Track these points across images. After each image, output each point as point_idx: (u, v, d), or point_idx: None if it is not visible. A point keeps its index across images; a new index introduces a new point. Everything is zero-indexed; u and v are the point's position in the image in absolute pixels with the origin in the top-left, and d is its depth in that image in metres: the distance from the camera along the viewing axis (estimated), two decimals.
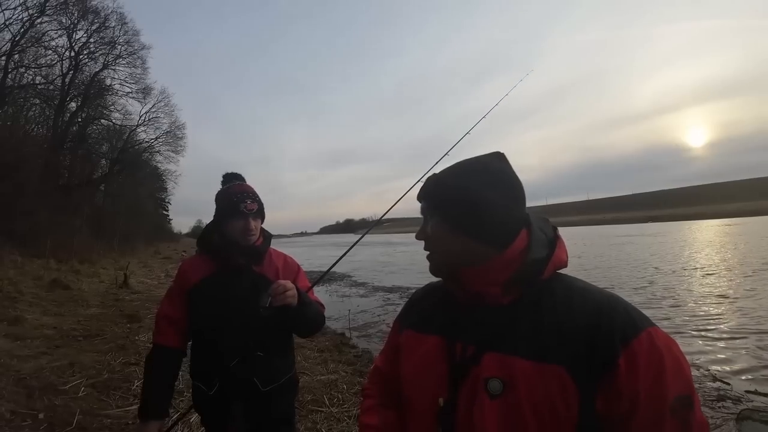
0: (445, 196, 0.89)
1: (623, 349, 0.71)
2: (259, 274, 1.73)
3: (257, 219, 1.75)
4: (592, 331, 0.74)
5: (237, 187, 1.75)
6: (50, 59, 22.74)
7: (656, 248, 22.86)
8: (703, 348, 6.26)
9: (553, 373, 0.74)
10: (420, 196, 0.95)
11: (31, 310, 7.93)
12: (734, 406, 4.27)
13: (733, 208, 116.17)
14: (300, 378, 5.04)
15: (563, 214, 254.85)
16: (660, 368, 0.71)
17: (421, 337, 0.95)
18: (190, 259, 1.82)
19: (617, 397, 0.71)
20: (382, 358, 1.12)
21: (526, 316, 0.81)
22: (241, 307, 1.64)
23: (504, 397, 0.76)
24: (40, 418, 3.64)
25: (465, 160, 0.93)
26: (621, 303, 0.79)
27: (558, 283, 0.85)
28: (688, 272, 13.55)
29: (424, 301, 1.03)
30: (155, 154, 34.08)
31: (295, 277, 1.78)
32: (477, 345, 0.83)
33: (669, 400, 0.70)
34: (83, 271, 14.27)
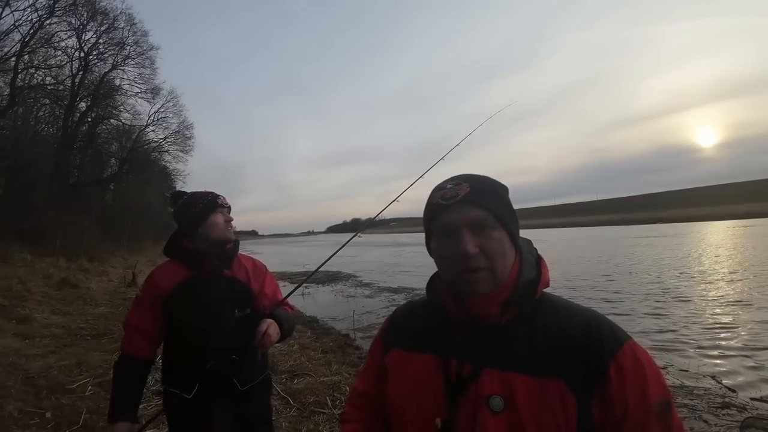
0: (507, 211, 0.89)
1: (612, 361, 0.78)
2: (231, 278, 1.78)
3: (230, 219, 1.81)
4: (584, 346, 0.80)
5: (200, 192, 1.81)
6: (60, 60, 22.85)
7: (671, 251, 22.46)
8: (710, 354, 6.18)
9: (552, 387, 0.78)
10: (476, 203, 0.86)
11: (40, 308, 8.02)
12: (738, 413, 4.21)
13: (744, 209, 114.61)
14: (303, 379, 5.06)
15: (572, 214, 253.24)
16: (643, 377, 0.78)
17: (412, 356, 0.93)
18: (160, 267, 1.82)
19: (611, 404, 0.76)
20: (363, 381, 1.09)
21: (520, 334, 0.84)
22: (217, 310, 1.70)
23: (506, 413, 0.78)
24: (48, 416, 3.68)
25: (493, 179, 0.94)
26: (603, 319, 0.85)
27: (545, 302, 0.89)
28: (699, 276, 13.32)
29: (410, 319, 1.01)
30: (164, 153, 34.30)
31: (263, 279, 1.86)
32: (475, 363, 0.84)
33: (653, 404, 0.76)
34: (92, 269, 14.42)
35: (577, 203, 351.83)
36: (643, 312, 8.91)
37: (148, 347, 1.74)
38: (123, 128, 29.92)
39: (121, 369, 1.70)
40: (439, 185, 0.93)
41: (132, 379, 1.71)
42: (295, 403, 4.35)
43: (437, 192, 0.91)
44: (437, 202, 0.89)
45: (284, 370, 5.38)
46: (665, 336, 7.07)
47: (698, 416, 4.18)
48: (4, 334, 6.03)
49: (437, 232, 0.90)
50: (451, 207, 0.86)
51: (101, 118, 27.68)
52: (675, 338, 7.00)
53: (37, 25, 20.03)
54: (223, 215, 1.78)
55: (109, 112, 27.92)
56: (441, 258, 0.90)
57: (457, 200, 0.86)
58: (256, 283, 1.83)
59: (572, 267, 17.62)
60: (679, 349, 6.39)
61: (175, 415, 1.71)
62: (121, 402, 1.64)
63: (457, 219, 0.85)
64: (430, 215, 0.91)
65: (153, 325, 1.72)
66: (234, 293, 1.76)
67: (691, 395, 4.68)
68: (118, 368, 1.71)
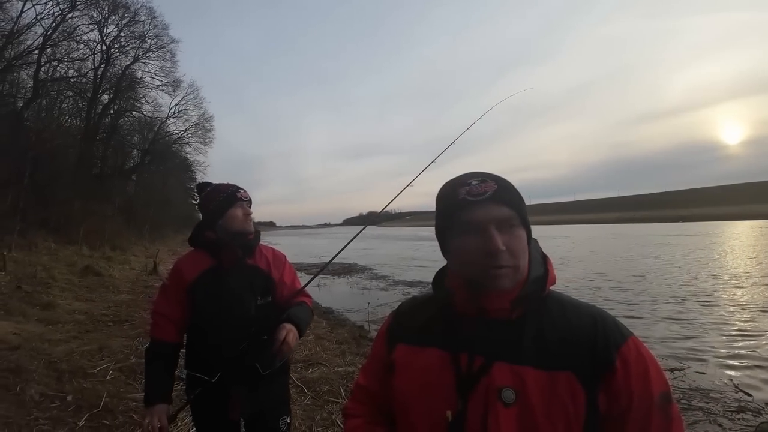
0: (525, 211, 0.90)
1: (617, 354, 0.82)
2: (253, 266, 1.84)
3: (250, 211, 1.86)
4: (592, 340, 0.83)
5: (222, 185, 1.86)
6: (82, 53, 23.32)
7: (702, 251, 21.73)
8: (728, 357, 6.06)
9: (563, 379, 0.81)
10: (505, 201, 0.87)
11: (64, 295, 8.22)
12: (753, 418, 4.15)
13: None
14: (317, 368, 5.09)
15: (592, 210, 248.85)
16: (646, 370, 0.82)
17: (420, 350, 0.94)
18: (185, 256, 1.88)
19: (616, 395, 0.80)
20: (366, 376, 1.10)
21: (529, 329, 0.86)
22: (240, 297, 1.76)
23: (518, 405, 0.81)
24: (69, 400, 3.76)
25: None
26: (607, 315, 0.89)
27: (551, 298, 0.92)
28: (729, 279, 12.88)
29: (416, 314, 1.01)
30: (185, 145, 34.96)
31: (282, 268, 1.92)
32: (485, 356, 0.85)
33: (655, 396, 0.81)
34: (114, 258, 14.73)
35: (597, 199, 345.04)
36: (664, 315, 8.71)
37: (176, 332, 1.80)
38: (144, 120, 30.53)
39: (153, 354, 1.76)
40: (459, 180, 0.92)
41: (164, 363, 1.77)
42: (310, 392, 4.38)
43: (461, 188, 0.90)
44: (463, 197, 0.88)
45: (299, 359, 5.43)
46: (685, 341, 6.92)
47: (713, 419, 4.12)
48: (28, 319, 6.21)
49: (460, 228, 0.88)
50: (479, 203, 0.86)
51: (123, 110, 28.23)
52: (695, 341, 6.86)
53: (59, 18, 20.45)
54: (242, 209, 1.83)
55: (131, 105, 28.48)
56: (463, 254, 0.88)
57: (486, 197, 0.86)
58: (276, 272, 1.88)
59: (599, 265, 17.11)
60: (697, 351, 6.28)
61: (198, 398, 1.75)
62: (157, 385, 1.72)
63: (485, 216, 0.85)
64: (452, 210, 0.90)
65: (179, 311, 1.78)
66: (256, 282, 1.81)
67: (707, 398, 4.61)
68: (149, 353, 1.77)
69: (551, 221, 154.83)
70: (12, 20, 18.35)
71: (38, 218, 13.91)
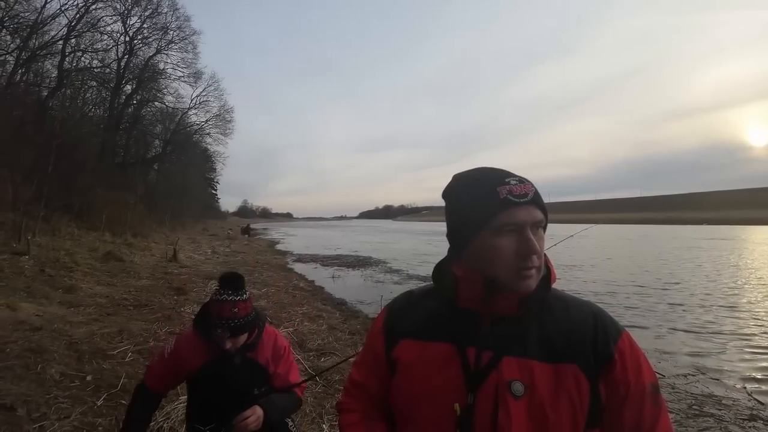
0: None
1: (615, 347, 0.87)
2: (253, 361, 1.88)
3: (235, 338, 1.82)
4: (593, 334, 0.88)
5: (216, 308, 1.78)
6: (106, 44, 23.69)
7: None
8: (741, 365, 5.94)
9: (568, 372, 0.85)
10: (540, 205, 0.88)
11: (86, 279, 8.42)
12: (765, 426, 4.12)
13: None
14: (330, 357, 5.13)
15: (614, 210, 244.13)
16: (639, 362, 0.89)
17: (426, 344, 0.94)
18: (186, 338, 1.90)
19: (615, 385, 0.86)
20: (361, 372, 1.09)
21: (534, 325, 0.90)
22: (239, 390, 1.82)
23: (527, 397, 0.84)
24: (88, 380, 3.86)
25: None
26: (604, 311, 0.95)
27: (552, 296, 0.95)
28: (748, 284, 12.61)
29: (416, 309, 1.01)
30: (205, 136, 35.39)
31: (280, 360, 1.95)
32: (494, 351, 0.88)
33: (647, 386, 0.87)
34: (136, 244, 15.02)
35: (620, 199, 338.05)
36: (686, 320, 8.60)
37: (166, 389, 1.93)
38: (166, 111, 30.99)
39: (138, 399, 1.87)
40: (494, 177, 0.89)
41: (147, 407, 1.89)
42: (321, 380, 4.43)
43: (501, 186, 0.86)
44: (506, 197, 0.85)
45: (313, 348, 5.49)
46: (701, 345, 6.80)
47: (724, 427, 4.08)
48: (51, 302, 6.38)
49: (498, 227, 0.85)
50: (523, 205, 0.85)
51: (146, 101, 28.67)
52: (711, 346, 6.74)
53: (83, 9, 20.77)
54: (230, 341, 1.81)
55: (154, 95, 28.90)
56: (495, 253, 0.85)
57: (529, 199, 0.86)
58: (274, 365, 1.93)
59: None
60: (712, 358, 6.17)
61: None
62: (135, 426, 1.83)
63: (525, 218, 0.85)
64: (492, 209, 0.85)
65: (174, 381, 1.91)
66: (255, 375, 1.88)
67: (719, 405, 4.56)
68: (136, 396, 1.88)
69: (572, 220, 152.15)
70: (36, 11, 18.70)
71: (62, 205, 14.23)
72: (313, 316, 7.34)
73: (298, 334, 6.02)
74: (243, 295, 1.83)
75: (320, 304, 8.72)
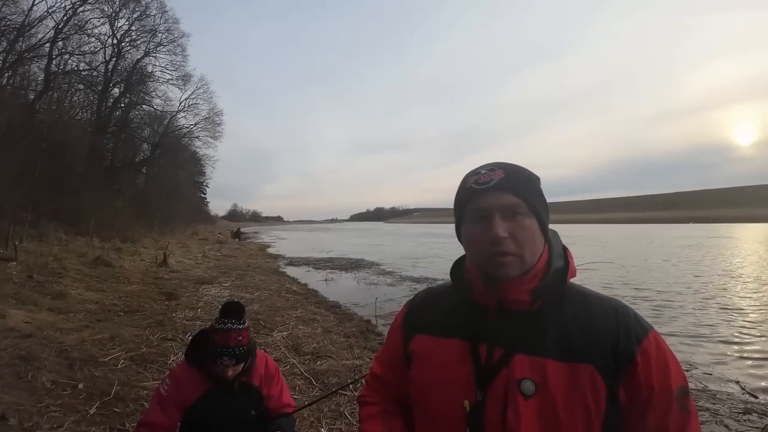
0: (539, 199, 0.90)
1: (638, 348, 0.82)
2: (248, 384, 1.95)
3: (238, 365, 1.88)
4: (613, 333, 0.83)
5: (221, 338, 1.83)
6: (93, 46, 23.50)
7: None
8: (735, 359, 6.05)
9: (584, 372, 0.81)
10: (510, 190, 0.86)
11: (75, 285, 8.29)
12: (759, 420, 4.15)
13: None
14: (326, 361, 5.11)
15: (603, 210, 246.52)
16: (666, 364, 0.83)
17: (440, 341, 0.94)
18: (182, 370, 1.93)
19: (637, 388, 0.80)
20: (381, 365, 1.11)
21: (550, 321, 0.86)
22: (236, 415, 1.89)
23: (538, 396, 0.81)
24: (80, 387, 3.79)
25: (526, 168, 0.94)
26: (629, 308, 0.89)
27: (572, 290, 0.91)
28: (738, 281, 12.83)
29: (434, 305, 1.02)
30: (194, 139, 35.26)
31: (271, 382, 2.02)
32: (505, 348, 0.86)
33: (674, 389, 0.81)
34: (125, 249, 14.83)
35: (608, 199, 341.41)
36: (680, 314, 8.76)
37: (168, 429, 1.91)
38: (155, 114, 30.76)
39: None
40: (472, 170, 0.93)
41: None
42: (318, 384, 4.41)
43: (471, 176, 0.91)
44: (471, 186, 0.89)
45: (308, 352, 5.45)
46: (694, 340, 6.91)
47: (719, 421, 4.11)
48: (40, 308, 6.26)
49: (469, 216, 0.89)
50: (485, 191, 0.86)
51: (134, 104, 28.45)
52: (704, 341, 6.85)
53: (71, 12, 20.56)
54: (231, 369, 1.86)
55: (142, 98, 28.68)
56: (471, 242, 0.90)
57: (491, 185, 0.86)
58: (267, 387, 2.00)
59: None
60: (705, 352, 6.27)
61: None
62: None
63: (490, 203, 0.85)
64: (463, 199, 0.91)
65: (172, 421, 1.89)
66: (252, 398, 1.95)
67: (714, 399, 4.60)
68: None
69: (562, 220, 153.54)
70: (23, 13, 18.49)
71: (50, 209, 14.02)
72: (307, 320, 7.28)
73: (292, 338, 5.97)
74: (244, 324, 1.90)
75: (314, 307, 8.65)
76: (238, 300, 1.99)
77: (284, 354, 5.26)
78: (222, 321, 1.85)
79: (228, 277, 12.17)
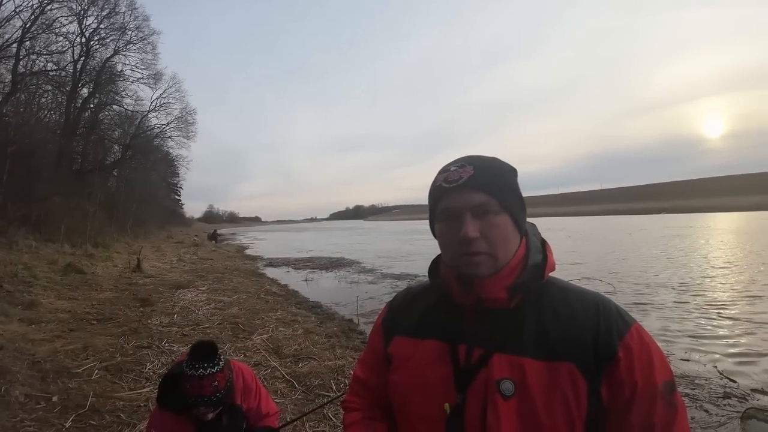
0: (512, 196, 0.87)
1: (620, 343, 0.79)
2: (231, 405, 1.87)
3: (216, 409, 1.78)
4: (594, 328, 0.80)
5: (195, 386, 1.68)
6: (61, 46, 22.74)
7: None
8: (713, 343, 6.19)
9: (563, 370, 0.78)
10: (480, 188, 0.83)
11: (46, 294, 8.06)
12: (739, 404, 4.22)
13: (752, 201, 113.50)
14: (307, 362, 5.10)
15: (577, 203, 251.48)
16: (650, 358, 0.80)
17: (417, 342, 0.93)
18: (161, 418, 1.82)
19: (619, 385, 0.78)
20: (364, 369, 1.09)
21: (529, 318, 0.84)
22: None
23: (517, 397, 0.79)
24: (54, 400, 3.70)
25: (500, 160, 0.91)
26: (611, 302, 0.86)
27: (551, 285, 0.89)
28: (705, 268, 13.32)
29: (412, 305, 1.00)
30: (167, 139, 34.57)
31: (250, 395, 1.97)
32: (484, 348, 0.84)
33: (659, 385, 0.78)
34: (97, 255, 14.44)
35: (581, 192, 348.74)
36: (656, 302, 9.00)
37: None
38: (125, 114, 29.98)
39: None
40: (443, 167, 0.90)
41: None
42: (300, 386, 4.39)
43: (441, 174, 0.89)
44: (440, 184, 0.87)
45: (289, 354, 5.42)
46: (670, 326, 7.09)
47: (699, 406, 4.19)
48: (10, 319, 6.06)
49: (440, 216, 0.88)
50: (453, 190, 0.84)
51: (103, 104, 27.70)
52: (679, 327, 7.04)
53: (38, 11, 19.92)
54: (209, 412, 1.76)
55: (112, 98, 27.95)
56: (443, 241, 0.88)
57: (460, 184, 0.84)
58: (246, 401, 1.94)
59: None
60: (681, 338, 6.42)
61: None
62: None
63: (459, 203, 0.83)
64: (434, 198, 0.90)
65: None
66: (236, 418, 1.90)
67: (693, 384, 4.70)
68: None
69: (536, 214, 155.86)
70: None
71: (18, 215, 13.58)
72: (287, 321, 7.24)
73: (273, 341, 5.93)
74: (219, 363, 1.72)
75: (294, 308, 8.60)
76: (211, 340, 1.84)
77: (265, 357, 5.22)
78: (192, 365, 1.67)
79: (205, 280, 11.98)
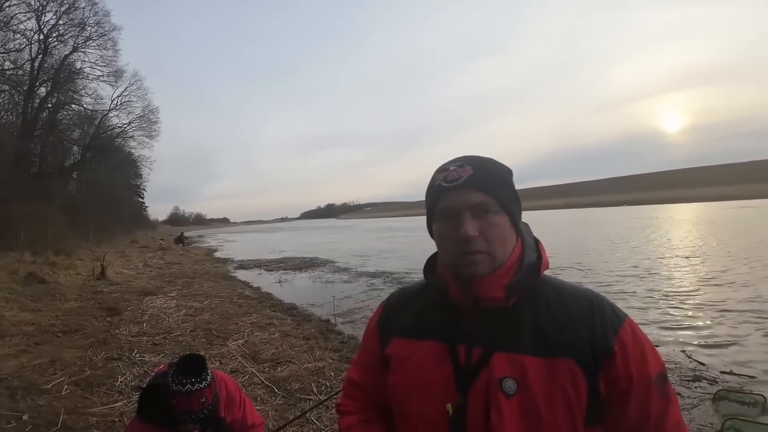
0: (510, 196, 0.88)
1: (615, 338, 0.81)
2: (215, 419, 1.81)
3: (203, 425, 1.76)
4: (590, 324, 0.82)
5: (182, 402, 1.63)
6: (19, 43, 21.83)
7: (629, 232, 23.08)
8: (681, 329, 6.40)
9: (563, 366, 0.80)
10: (480, 187, 0.84)
11: (8, 306, 7.71)
12: (710, 386, 4.36)
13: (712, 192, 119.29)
14: (286, 366, 5.05)
15: (540, 198, 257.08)
16: (643, 352, 0.82)
17: (416, 343, 0.92)
18: (142, 430, 1.75)
19: (615, 379, 0.80)
20: (358, 371, 1.08)
21: (526, 316, 0.85)
22: None
23: (519, 395, 0.80)
24: (25, 419, 3.57)
25: (497, 161, 0.93)
26: (604, 299, 0.88)
27: (546, 283, 0.90)
28: (668, 256, 13.89)
29: (409, 306, 0.99)
30: (129, 139, 33.60)
31: (234, 406, 1.94)
32: (484, 347, 0.84)
33: (653, 377, 0.81)
34: (59, 263, 13.90)
35: (547, 186, 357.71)
36: (619, 289, 9.30)
37: None
38: (85, 114, 28.95)
39: None
40: (441, 166, 0.91)
41: None
42: (280, 391, 4.34)
43: (440, 173, 0.89)
44: (439, 184, 0.88)
45: (267, 359, 5.35)
46: (636, 312, 7.32)
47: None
48: None
49: (439, 215, 0.88)
50: (453, 190, 0.85)
51: (62, 104, 26.70)
52: (645, 312, 7.32)
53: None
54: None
55: (70, 97, 26.97)
56: (442, 240, 0.89)
57: (460, 183, 0.85)
58: (230, 413, 1.91)
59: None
60: (649, 325, 6.61)
61: None
62: None
63: (458, 202, 0.84)
64: (433, 197, 0.90)
65: None
66: (219, 429, 1.84)
67: None
68: None
69: None
70: None
71: None
72: (263, 325, 7.13)
73: (249, 346, 5.84)
74: (207, 378, 1.68)
75: (269, 311, 8.50)
76: (199, 354, 1.79)
77: (242, 363, 5.13)
78: (179, 380, 1.61)
79: (174, 286, 11.69)
